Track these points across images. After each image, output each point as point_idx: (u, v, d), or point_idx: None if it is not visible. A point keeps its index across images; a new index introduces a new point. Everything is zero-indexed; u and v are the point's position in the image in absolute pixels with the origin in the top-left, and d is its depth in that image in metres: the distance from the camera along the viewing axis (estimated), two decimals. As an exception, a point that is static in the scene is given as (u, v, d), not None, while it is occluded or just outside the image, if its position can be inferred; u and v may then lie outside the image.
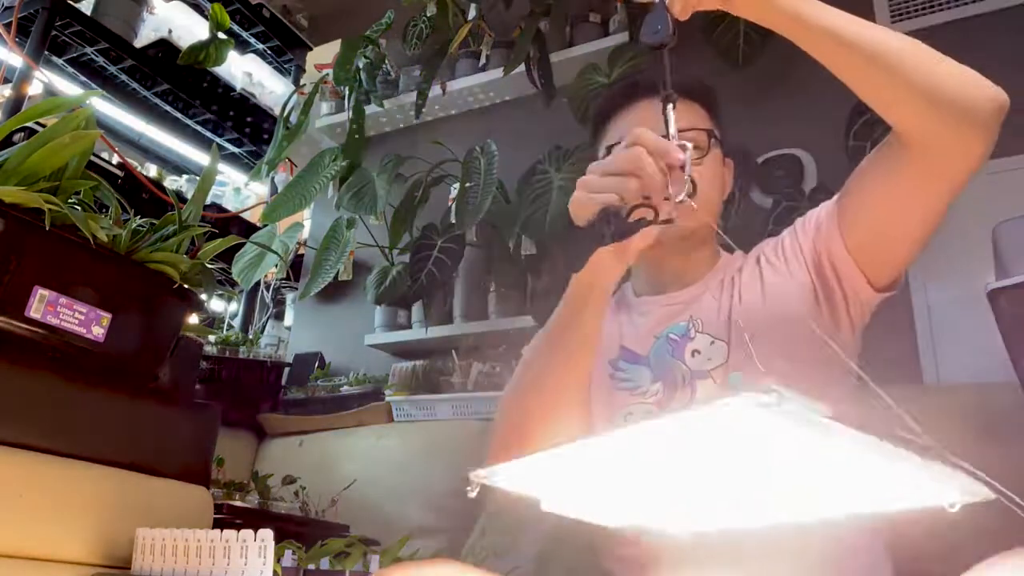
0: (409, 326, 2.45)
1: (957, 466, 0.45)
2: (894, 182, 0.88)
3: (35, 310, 1.03)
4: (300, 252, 2.98)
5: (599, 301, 0.89)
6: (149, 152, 3.34)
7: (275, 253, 2.55)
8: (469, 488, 0.55)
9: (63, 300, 1.06)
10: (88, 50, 2.67)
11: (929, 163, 0.84)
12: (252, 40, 3.25)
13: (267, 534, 0.94)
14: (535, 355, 0.96)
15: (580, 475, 0.58)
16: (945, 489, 0.51)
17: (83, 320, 1.09)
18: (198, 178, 2.19)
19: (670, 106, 0.72)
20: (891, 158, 0.88)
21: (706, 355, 1.00)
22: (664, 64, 0.73)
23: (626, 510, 0.70)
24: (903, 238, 0.93)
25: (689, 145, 0.72)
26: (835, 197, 0.99)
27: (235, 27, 3.08)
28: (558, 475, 0.58)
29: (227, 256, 2.54)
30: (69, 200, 1.11)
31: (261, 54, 3.32)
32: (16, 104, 2.21)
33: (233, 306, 3.15)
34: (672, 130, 0.73)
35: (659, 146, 0.73)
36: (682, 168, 0.72)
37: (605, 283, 0.88)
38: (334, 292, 2.73)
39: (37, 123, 1.60)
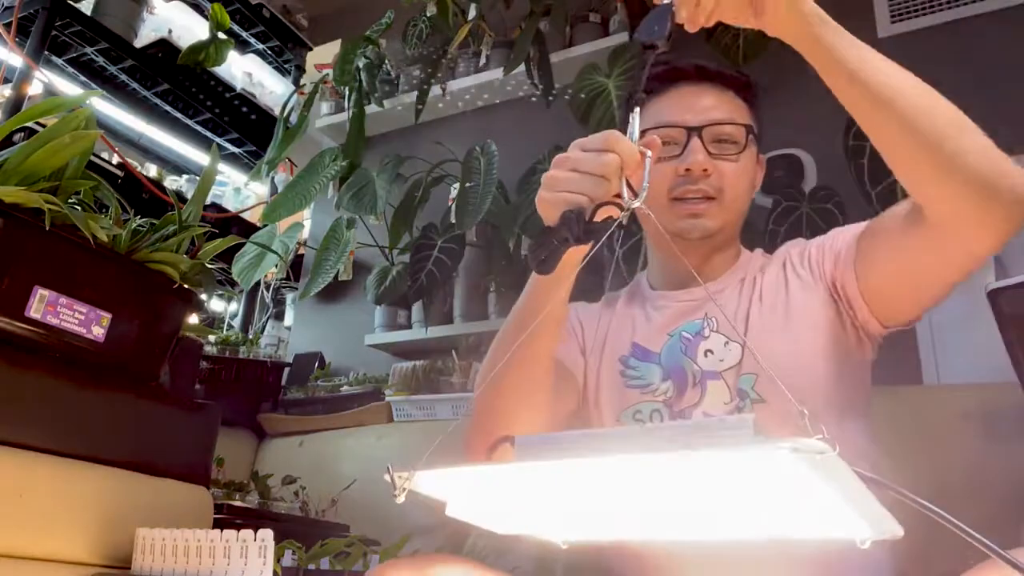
0: (409, 326, 2.45)
1: (917, 502, 0.44)
2: (907, 241, 0.86)
3: (35, 310, 1.03)
4: (300, 252, 2.98)
5: (566, 287, 0.83)
6: (149, 152, 3.33)
7: (275, 253, 2.55)
8: (395, 493, 0.54)
9: (63, 300, 1.06)
10: (88, 50, 2.67)
11: (940, 233, 0.81)
12: (252, 40, 3.25)
13: (267, 534, 0.94)
14: (499, 348, 0.91)
15: (508, 490, 0.57)
16: (860, 525, 0.50)
17: (83, 320, 1.09)
18: (198, 178, 2.19)
19: (636, 109, 0.71)
20: (909, 216, 0.85)
21: (719, 356, 0.98)
22: (645, 67, 0.72)
23: (521, 521, 0.69)
24: (913, 296, 0.91)
25: (649, 153, 0.70)
26: (861, 227, 0.96)
27: (235, 27, 3.08)
28: (479, 488, 0.57)
29: (227, 256, 2.54)
30: (69, 200, 1.11)
31: (261, 54, 3.32)
32: (16, 104, 2.20)
33: (233, 306, 3.15)
34: (635, 135, 0.71)
35: (631, 157, 0.70)
36: (629, 186, 0.69)
37: (573, 272, 0.83)
38: (334, 292, 2.72)
39: (37, 123, 1.60)
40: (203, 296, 1.30)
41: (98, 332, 1.11)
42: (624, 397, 1.03)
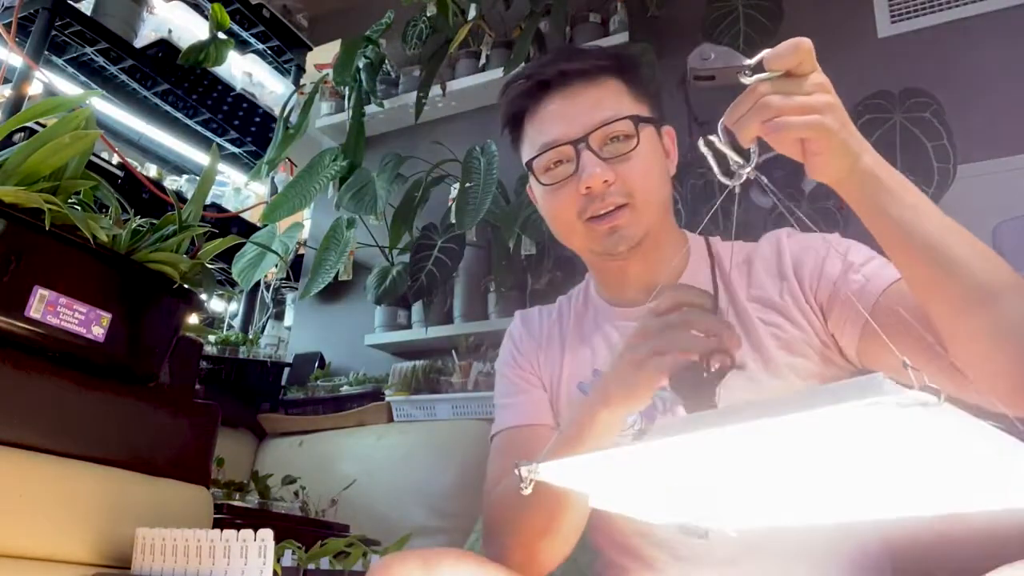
0: (409, 326, 2.46)
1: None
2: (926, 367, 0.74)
3: (35, 310, 1.03)
4: (300, 252, 2.98)
5: (616, 429, 0.78)
6: (149, 152, 3.33)
7: (275, 253, 2.55)
8: (522, 485, 0.52)
9: (63, 300, 1.06)
10: (88, 50, 2.67)
11: (974, 385, 0.71)
12: (252, 40, 3.25)
13: (267, 534, 0.94)
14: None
15: (637, 474, 0.54)
16: None
17: (83, 320, 1.09)
18: (198, 178, 2.19)
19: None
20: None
21: None
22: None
23: (677, 509, 0.65)
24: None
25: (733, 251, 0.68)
26: (881, 287, 0.82)
27: (235, 27, 3.08)
28: (610, 474, 0.54)
29: (227, 256, 2.54)
30: (69, 200, 1.11)
31: (261, 54, 3.32)
32: (16, 104, 2.20)
33: (233, 306, 3.15)
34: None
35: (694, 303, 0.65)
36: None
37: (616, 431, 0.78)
38: (334, 292, 2.73)
39: (37, 123, 1.60)
40: (203, 296, 1.30)
41: (98, 332, 1.11)
42: None
